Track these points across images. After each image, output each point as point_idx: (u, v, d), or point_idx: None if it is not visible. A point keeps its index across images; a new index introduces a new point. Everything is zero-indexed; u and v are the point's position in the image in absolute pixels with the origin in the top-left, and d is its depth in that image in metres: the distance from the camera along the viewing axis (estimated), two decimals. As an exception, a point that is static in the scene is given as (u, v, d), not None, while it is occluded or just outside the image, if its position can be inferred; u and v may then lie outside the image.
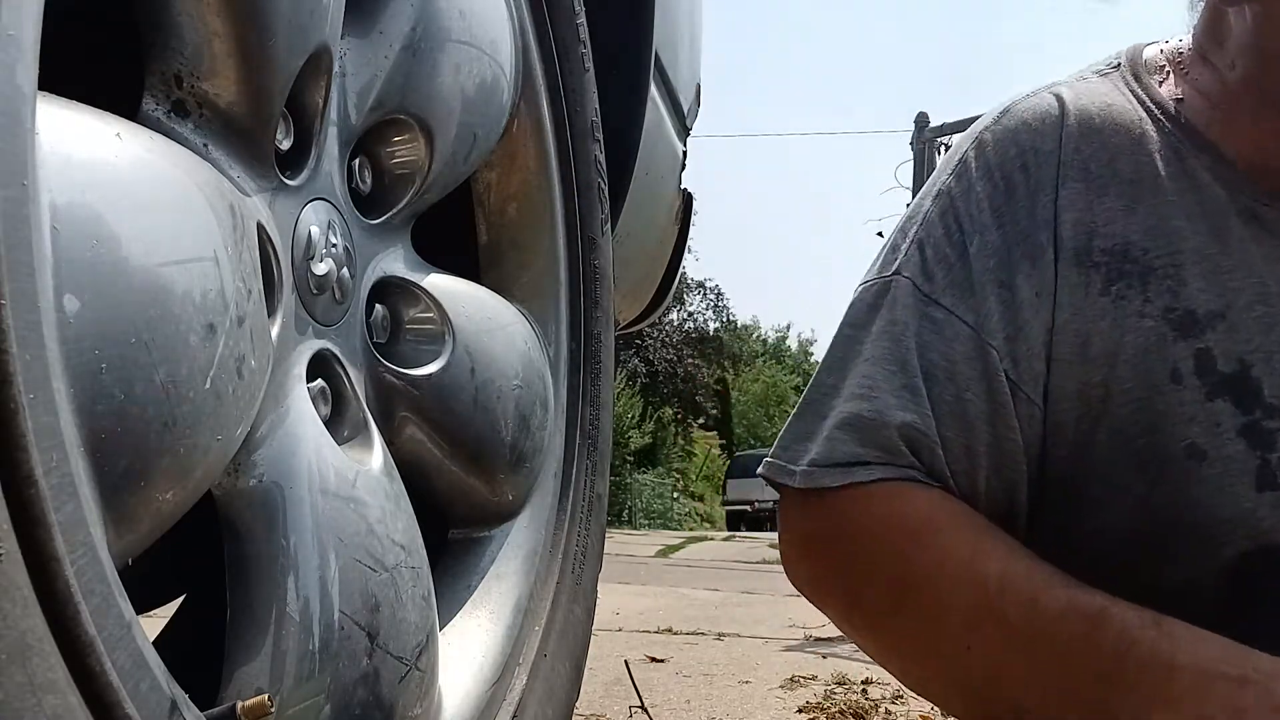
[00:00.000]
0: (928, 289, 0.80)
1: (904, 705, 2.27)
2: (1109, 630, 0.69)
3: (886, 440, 0.77)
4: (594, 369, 1.12)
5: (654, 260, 1.64)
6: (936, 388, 0.78)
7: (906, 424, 0.77)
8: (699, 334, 29.06)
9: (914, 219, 0.85)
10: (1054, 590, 0.72)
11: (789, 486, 0.82)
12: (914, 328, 0.80)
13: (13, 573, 0.37)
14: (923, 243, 0.83)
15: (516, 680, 0.90)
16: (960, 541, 0.76)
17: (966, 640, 0.74)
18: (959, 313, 0.79)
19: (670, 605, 4.44)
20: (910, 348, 0.79)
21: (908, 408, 0.77)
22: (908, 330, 0.80)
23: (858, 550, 0.80)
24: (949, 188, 0.84)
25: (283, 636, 0.60)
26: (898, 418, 0.77)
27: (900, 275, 0.82)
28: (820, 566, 0.84)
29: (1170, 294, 0.76)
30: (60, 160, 0.45)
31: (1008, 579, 0.73)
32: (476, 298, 0.91)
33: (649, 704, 2.15)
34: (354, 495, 0.67)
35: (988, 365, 0.78)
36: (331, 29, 0.66)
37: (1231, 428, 0.74)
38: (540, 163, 1.03)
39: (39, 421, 0.39)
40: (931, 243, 0.82)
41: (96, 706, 0.42)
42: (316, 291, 0.69)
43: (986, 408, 0.78)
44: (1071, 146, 0.80)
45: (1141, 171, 0.79)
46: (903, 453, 0.78)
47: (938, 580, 0.75)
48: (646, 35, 1.27)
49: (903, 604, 0.77)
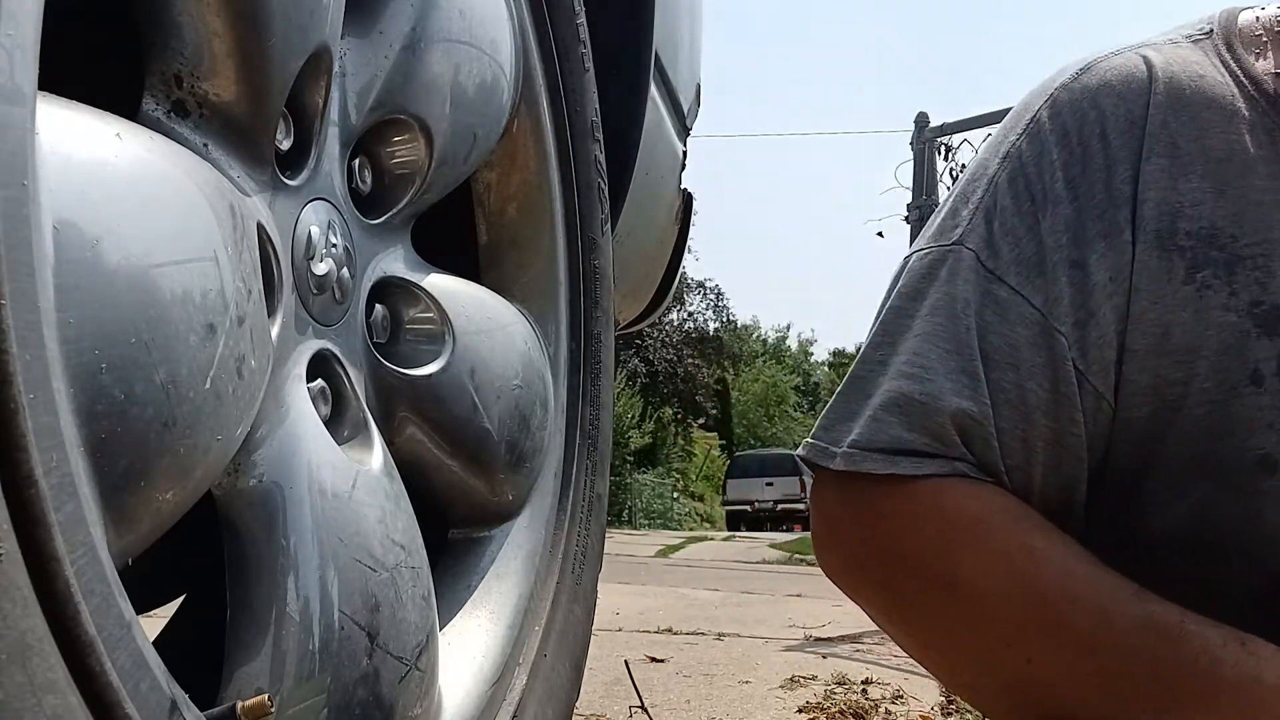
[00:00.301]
0: (992, 264, 0.74)
1: (904, 705, 2.27)
2: (1190, 647, 0.66)
3: (938, 427, 0.72)
4: (594, 369, 1.12)
5: (654, 260, 1.64)
6: (996, 373, 0.72)
7: (961, 411, 0.71)
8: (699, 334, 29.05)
9: (977, 181, 0.78)
10: (1126, 601, 0.68)
11: (827, 469, 0.76)
12: (975, 305, 0.73)
13: (13, 573, 0.37)
14: (989, 212, 0.75)
15: (516, 680, 0.90)
16: (1015, 542, 0.71)
17: (1025, 651, 0.69)
18: (1025, 293, 0.72)
19: (670, 605, 4.44)
20: (970, 327, 0.73)
21: (963, 393, 0.71)
22: (969, 308, 0.73)
23: (902, 545, 0.74)
24: (1019, 150, 0.76)
25: (283, 636, 0.60)
26: (952, 403, 0.71)
27: (963, 246, 0.75)
28: (858, 556, 0.78)
29: (1258, 286, 0.71)
30: (60, 160, 0.45)
31: (1072, 586, 0.69)
32: (476, 298, 0.91)
33: (649, 704, 2.15)
34: (354, 495, 0.67)
35: (1054, 353, 0.72)
36: (331, 29, 0.66)
37: None
38: (540, 163, 1.03)
39: (39, 421, 0.39)
40: (999, 212, 0.75)
41: (96, 706, 0.42)
42: (316, 291, 0.69)
43: (1049, 398, 0.72)
44: (1159, 118, 0.74)
45: (1233, 151, 0.73)
46: (954, 442, 0.72)
47: (990, 584, 0.70)
48: (646, 35, 1.27)
49: (950, 607, 0.72)
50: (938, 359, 0.73)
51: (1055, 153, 0.75)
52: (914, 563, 0.74)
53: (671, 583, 5.69)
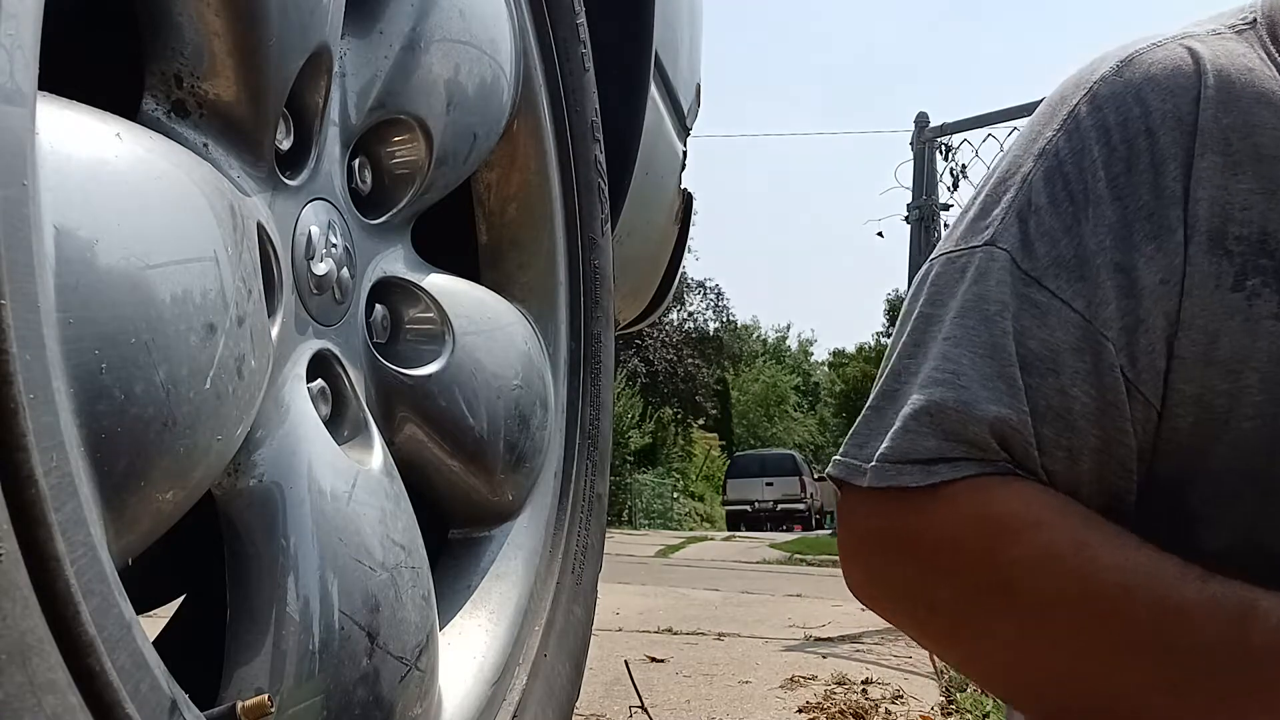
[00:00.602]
0: (1028, 266, 0.69)
1: (904, 705, 2.27)
2: (1261, 625, 0.61)
3: (974, 435, 0.67)
4: (594, 369, 1.12)
5: (654, 260, 1.64)
6: (1035, 379, 0.67)
7: (999, 419, 0.67)
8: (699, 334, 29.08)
9: (1009, 181, 0.73)
10: (1189, 583, 0.63)
11: (856, 486, 0.72)
12: (1012, 308, 0.69)
13: (13, 573, 0.37)
14: (1023, 211, 0.71)
15: (516, 680, 0.90)
16: (1065, 533, 0.66)
17: (1079, 644, 0.66)
18: (1066, 297, 0.68)
19: (670, 605, 4.44)
20: (1006, 330, 0.68)
21: (1001, 400, 0.67)
22: (1005, 310, 0.69)
23: (942, 552, 0.70)
24: (1057, 147, 0.72)
25: (283, 636, 0.60)
26: (989, 411, 0.67)
27: (995, 246, 0.71)
28: (894, 572, 0.74)
29: None
30: (60, 160, 0.45)
31: (1129, 573, 0.64)
32: (476, 298, 0.91)
33: (649, 704, 2.15)
34: (354, 495, 0.67)
35: (1100, 359, 0.67)
36: (331, 29, 0.66)
37: None
38: (540, 163, 1.03)
39: (39, 421, 0.39)
40: (1034, 212, 0.71)
41: (96, 707, 0.42)
42: (316, 291, 0.69)
43: (1095, 406, 0.68)
44: (1210, 113, 0.69)
45: None
46: (993, 449, 0.68)
47: (1040, 578, 0.66)
48: (646, 35, 1.27)
49: (1002, 613, 0.68)
50: (970, 364, 0.69)
51: (1096, 150, 0.70)
52: (957, 567, 0.69)
53: (671, 583, 5.69)
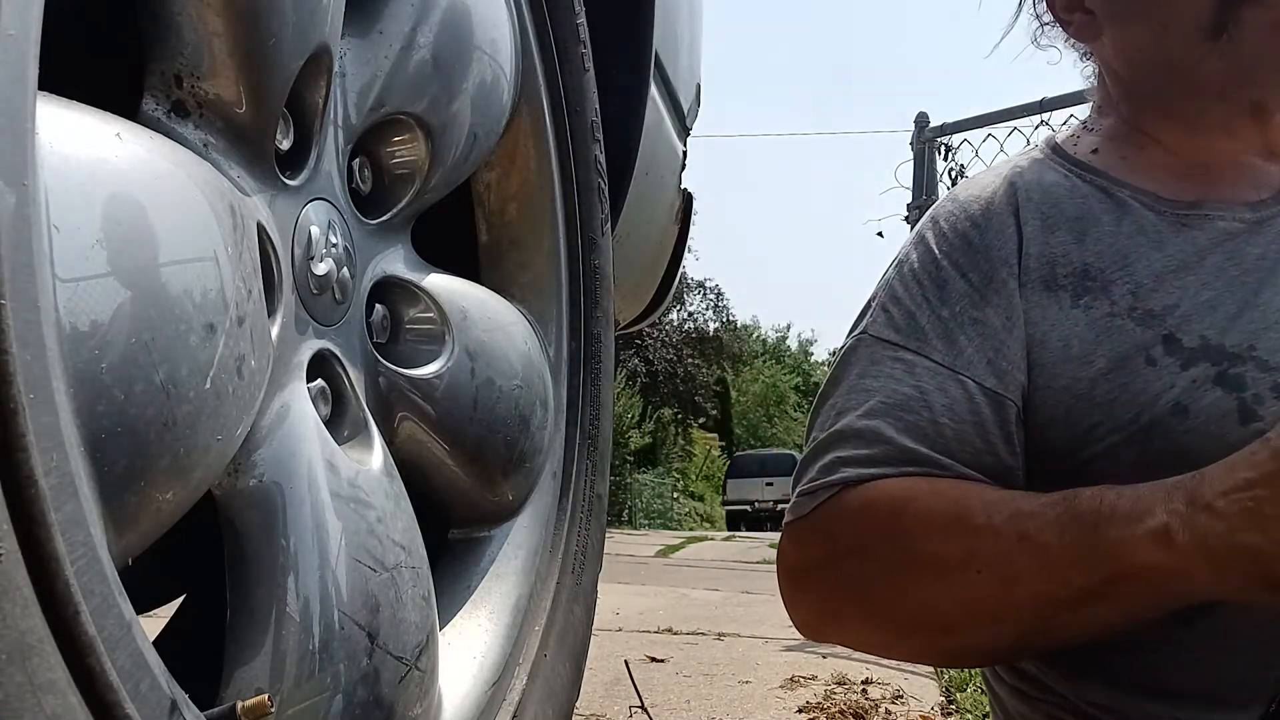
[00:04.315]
0: (894, 339, 0.89)
1: (904, 705, 2.27)
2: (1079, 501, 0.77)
3: (873, 446, 0.85)
4: (594, 369, 1.12)
5: (654, 260, 1.64)
6: (911, 415, 0.85)
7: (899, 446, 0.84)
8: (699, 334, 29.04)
9: (877, 290, 0.95)
10: (1031, 496, 0.80)
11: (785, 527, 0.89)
12: (886, 371, 0.88)
13: (13, 573, 0.37)
14: (885, 304, 0.92)
15: (516, 680, 0.90)
16: (943, 495, 0.82)
17: (974, 565, 0.78)
18: (926, 353, 0.88)
19: (670, 605, 4.44)
20: (880, 388, 0.87)
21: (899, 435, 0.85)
22: (880, 374, 0.88)
23: (849, 545, 0.84)
24: (908, 256, 0.94)
25: (283, 636, 0.60)
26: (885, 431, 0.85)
27: (865, 334, 0.91)
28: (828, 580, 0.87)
29: (1131, 297, 0.87)
30: (60, 160, 0.45)
31: (990, 502, 0.80)
32: (476, 298, 0.91)
33: (649, 704, 2.15)
34: (354, 495, 0.67)
35: (964, 391, 0.86)
36: (331, 29, 0.66)
37: (1206, 380, 0.82)
38: (540, 163, 1.03)
39: (39, 421, 0.39)
40: (894, 301, 0.91)
41: (96, 707, 0.42)
42: (316, 291, 0.69)
43: (964, 428, 0.85)
44: (1022, 196, 0.93)
45: (1082, 210, 0.92)
46: (889, 459, 0.84)
47: (930, 531, 0.80)
48: (646, 35, 1.27)
49: (905, 570, 0.82)
50: (865, 412, 0.87)
51: (940, 248, 0.92)
52: (863, 551, 0.84)
53: (671, 583, 5.69)
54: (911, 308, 0.90)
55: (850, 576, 0.85)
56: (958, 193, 0.98)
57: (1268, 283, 0.86)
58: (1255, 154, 0.93)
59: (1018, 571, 0.77)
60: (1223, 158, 0.93)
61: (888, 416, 0.85)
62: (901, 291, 0.92)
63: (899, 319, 0.90)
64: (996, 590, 0.78)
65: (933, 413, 0.85)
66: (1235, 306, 0.85)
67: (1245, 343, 0.83)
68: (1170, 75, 0.92)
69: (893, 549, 0.82)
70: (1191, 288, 0.87)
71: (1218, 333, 0.84)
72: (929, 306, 0.90)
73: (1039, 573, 0.76)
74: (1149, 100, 0.95)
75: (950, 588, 0.80)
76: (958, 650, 0.87)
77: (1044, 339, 0.87)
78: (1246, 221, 0.90)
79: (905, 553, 0.81)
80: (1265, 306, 0.85)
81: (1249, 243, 0.89)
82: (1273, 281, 0.86)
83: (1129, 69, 0.96)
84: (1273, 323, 0.84)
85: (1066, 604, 0.76)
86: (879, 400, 0.87)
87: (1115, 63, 0.97)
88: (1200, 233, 0.89)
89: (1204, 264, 0.88)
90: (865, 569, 0.84)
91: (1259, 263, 0.87)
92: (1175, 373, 0.83)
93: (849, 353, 0.92)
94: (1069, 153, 0.98)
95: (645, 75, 1.29)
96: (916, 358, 0.88)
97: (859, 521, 0.83)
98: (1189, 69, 0.90)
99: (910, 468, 0.84)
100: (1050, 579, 0.76)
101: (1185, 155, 0.94)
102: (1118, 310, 0.86)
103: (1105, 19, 0.95)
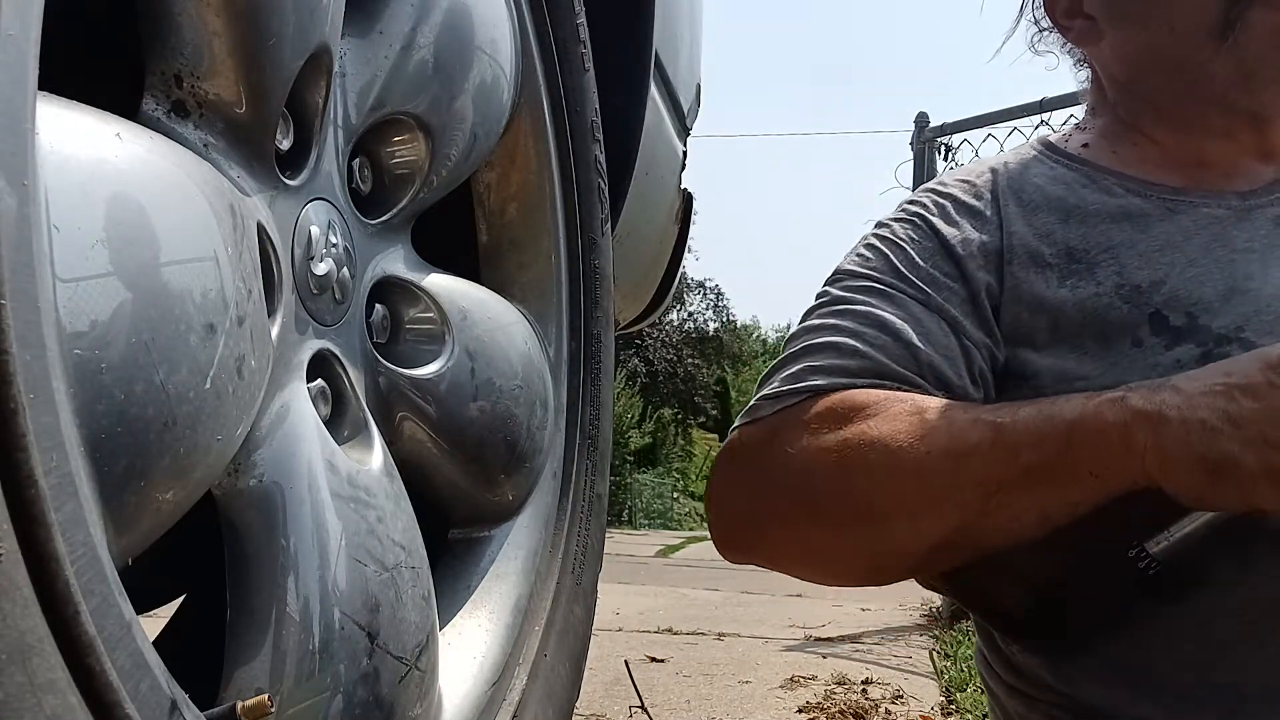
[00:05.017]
0: (873, 274, 0.90)
1: (904, 705, 2.28)
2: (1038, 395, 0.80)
3: (846, 365, 0.85)
4: (594, 369, 1.12)
5: (654, 260, 1.64)
6: (888, 336, 0.85)
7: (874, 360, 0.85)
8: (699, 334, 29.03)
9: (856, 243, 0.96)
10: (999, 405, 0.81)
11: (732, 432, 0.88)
12: (863, 299, 0.88)
13: (13, 573, 0.37)
14: (862, 250, 0.94)
15: (516, 680, 0.90)
16: (902, 398, 0.81)
17: (924, 446, 0.78)
18: (903, 290, 0.89)
19: (670, 605, 4.44)
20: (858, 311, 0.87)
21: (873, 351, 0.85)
22: (857, 300, 0.88)
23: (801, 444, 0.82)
24: (887, 220, 0.96)
25: (283, 636, 0.60)
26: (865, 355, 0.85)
27: (841, 271, 0.93)
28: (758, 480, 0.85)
29: (1117, 276, 0.88)
30: (60, 160, 0.45)
31: (949, 403, 0.81)
32: (476, 298, 0.91)
33: (649, 704, 2.15)
34: (354, 495, 0.67)
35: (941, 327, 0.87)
36: (331, 29, 0.66)
37: (1191, 361, 0.82)
38: (540, 163, 1.03)
39: (39, 421, 0.39)
40: (872, 249, 0.93)
41: (96, 707, 0.42)
42: (316, 291, 0.69)
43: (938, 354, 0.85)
44: (1003, 183, 0.95)
45: (1066, 193, 0.93)
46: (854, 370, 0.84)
47: (884, 420, 0.80)
48: (646, 35, 1.27)
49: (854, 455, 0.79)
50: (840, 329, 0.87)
51: (919, 218, 0.94)
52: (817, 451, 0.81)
53: (671, 583, 5.69)
54: (888, 252, 0.92)
55: (793, 467, 0.82)
56: (943, 177, 1.01)
57: (1256, 267, 0.87)
58: (1252, 155, 0.94)
59: (968, 449, 0.76)
60: (1217, 157, 0.94)
61: (863, 334, 0.86)
62: (878, 241, 0.93)
63: (875, 260, 0.91)
64: (945, 469, 0.77)
65: (909, 336, 0.85)
66: (1223, 286, 0.86)
67: (1233, 324, 0.84)
68: (1174, 78, 0.92)
69: (844, 437, 0.80)
70: (1178, 264, 0.87)
71: (1205, 312, 0.85)
72: (907, 257, 0.91)
73: (989, 448, 0.76)
74: (1148, 101, 0.96)
75: (899, 467, 0.78)
76: (891, 548, 0.82)
77: (1032, 317, 0.88)
78: (1234, 209, 0.91)
79: (857, 439, 0.80)
80: (1256, 292, 0.85)
81: (1236, 228, 0.89)
82: (1261, 266, 0.87)
83: (1130, 72, 0.96)
84: (1263, 306, 0.85)
85: (1012, 483, 0.75)
86: (855, 320, 0.87)
87: (1115, 67, 0.97)
88: (1186, 216, 0.90)
89: (1190, 243, 0.89)
90: (811, 460, 0.81)
91: (1247, 246, 0.88)
92: (1160, 353, 0.84)
93: (824, 288, 0.93)
94: (1059, 147, 1.00)
95: (645, 75, 1.29)
96: (894, 292, 0.88)
97: (817, 420, 0.82)
98: (1195, 70, 0.91)
99: (884, 381, 0.83)
100: (999, 454, 0.76)
101: (1179, 152, 0.95)
102: (1104, 289, 0.87)
103: (1107, 23, 0.95)
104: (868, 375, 0.84)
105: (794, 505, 0.84)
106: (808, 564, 0.89)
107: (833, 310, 0.89)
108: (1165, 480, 0.72)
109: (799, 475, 0.82)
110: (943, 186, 0.97)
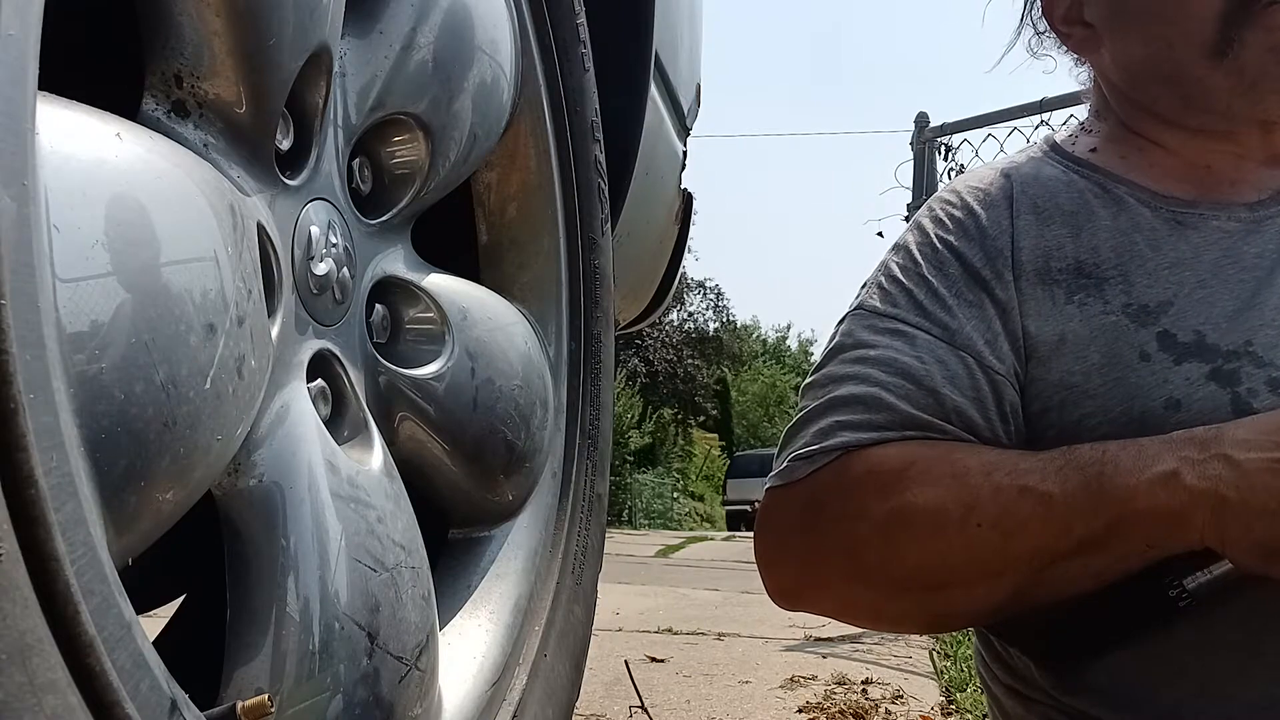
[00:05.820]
0: (893, 313, 0.89)
1: (904, 705, 2.28)
2: (1079, 453, 0.79)
3: (873, 413, 0.84)
4: (594, 369, 1.12)
5: (654, 260, 1.64)
6: (912, 385, 0.85)
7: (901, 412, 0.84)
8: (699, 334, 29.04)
9: (874, 271, 0.95)
10: (1028, 454, 0.81)
11: (771, 489, 0.88)
12: (885, 342, 0.88)
13: (13, 573, 0.37)
14: (881, 282, 0.93)
15: (516, 680, 0.90)
16: (942, 455, 0.82)
17: (974, 520, 0.78)
18: (925, 328, 0.88)
19: (670, 605, 4.44)
20: (880, 356, 0.87)
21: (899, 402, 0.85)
22: (878, 344, 0.88)
23: (845, 509, 0.83)
24: (905, 241, 0.95)
25: (283, 636, 0.60)
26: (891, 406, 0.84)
27: (861, 308, 0.92)
28: (807, 542, 0.86)
29: (1124, 294, 0.87)
30: (60, 160, 0.45)
31: (989, 460, 0.81)
32: (476, 298, 0.91)
33: (649, 704, 2.15)
34: (354, 495, 0.67)
35: (964, 365, 0.86)
36: (331, 29, 0.66)
37: (1200, 376, 0.83)
38: (540, 163, 1.03)
39: (39, 421, 0.39)
40: (891, 280, 0.92)
41: (96, 706, 0.42)
42: (316, 291, 0.69)
43: (964, 400, 0.85)
44: (1018, 190, 0.94)
45: (1078, 204, 0.92)
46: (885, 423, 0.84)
47: (929, 488, 0.80)
48: (646, 35, 1.27)
49: (902, 527, 0.81)
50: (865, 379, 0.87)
51: (936, 233, 0.93)
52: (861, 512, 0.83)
53: (671, 583, 5.69)
54: (909, 285, 0.91)
55: (842, 538, 0.84)
56: (955, 184, 0.99)
57: (1265, 282, 0.86)
58: (1258, 160, 0.93)
59: (1019, 524, 0.77)
60: (1225, 160, 0.93)
61: (888, 384, 0.85)
62: (898, 272, 0.92)
63: (897, 295, 0.91)
64: (997, 543, 0.78)
65: (934, 382, 0.85)
66: (1233, 305, 0.85)
67: (1242, 339, 0.84)
68: (1174, 89, 0.92)
69: (890, 508, 0.81)
70: (1187, 284, 0.87)
71: (1214, 330, 0.84)
72: (926, 286, 0.90)
73: (1041, 523, 0.77)
74: (1150, 109, 0.96)
75: (949, 543, 0.79)
76: (947, 610, 0.86)
77: (1039, 331, 0.87)
78: (1244, 221, 0.90)
79: (903, 511, 0.81)
80: (1262, 305, 0.85)
81: (1246, 242, 0.89)
82: (1270, 280, 0.86)
83: (1130, 81, 0.96)
84: (1269, 320, 0.84)
85: (1065, 554, 0.77)
86: (878, 369, 0.86)
87: (1114, 75, 0.97)
88: (1196, 232, 0.90)
89: (1200, 260, 0.88)
90: (858, 529, 0.83)
91: (1257, 261, 0.88)
92: (1169, 368, 0.84)
93: (845, 326, 0.92)
94: (1067, 150, 0.99)
95: (645, 75, 1.29)
96: (916, 331, 0.88)
97: (858, 487, 0.83)
98: (1193, 84, 0.90)
99: (911, 432, 0.83)
100: (1052, 529, 0.77)
101: (1186, 157, 0.94)
102: (1111, 308, 0.87)
103: (1106, 33, 0.95)
104: (895, 428, 0.84)
105: (846, 576, 0.85)
106: (869, 620, 0.94)
107: (857, 357, 0.88)
108: (1221, 552, 0.74)
109: (847, 548, 0.84)
110: (957, 198, 0.96)
